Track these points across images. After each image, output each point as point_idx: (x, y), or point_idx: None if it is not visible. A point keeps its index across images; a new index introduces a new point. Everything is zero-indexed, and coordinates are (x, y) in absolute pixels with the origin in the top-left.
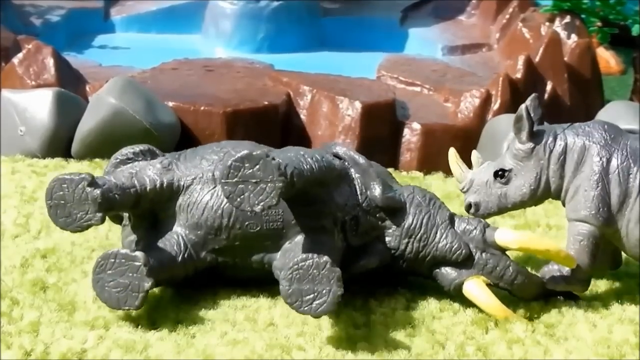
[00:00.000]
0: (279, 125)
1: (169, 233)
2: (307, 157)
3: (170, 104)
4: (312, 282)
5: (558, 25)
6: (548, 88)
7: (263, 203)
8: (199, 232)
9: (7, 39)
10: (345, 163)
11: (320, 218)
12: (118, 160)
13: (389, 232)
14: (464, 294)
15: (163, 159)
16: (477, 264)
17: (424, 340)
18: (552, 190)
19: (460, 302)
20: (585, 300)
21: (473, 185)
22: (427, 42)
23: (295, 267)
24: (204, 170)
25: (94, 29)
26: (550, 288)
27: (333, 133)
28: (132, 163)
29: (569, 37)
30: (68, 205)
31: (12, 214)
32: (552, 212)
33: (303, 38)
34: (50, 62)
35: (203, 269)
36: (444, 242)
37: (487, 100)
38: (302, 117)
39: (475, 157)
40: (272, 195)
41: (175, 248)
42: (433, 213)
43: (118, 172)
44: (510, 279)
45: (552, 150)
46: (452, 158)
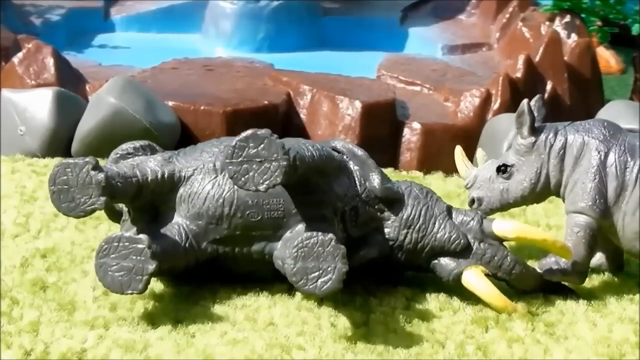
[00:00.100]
0: (279, 125)
1: (170, 224)
2: (307, 145)
3: (170, 104)
4: (317, 259)
5: (558, 25)
6: (548, 87)
7: (267, 182)
8: (200, 222)
9: (7, 39)
10: (344, 156)
11: (321, 207)
12: (118, 156)
13: (388, 223)
14: (463, 284)
15: (164, 153)
16: (475, 254)
17: (424, 340)
18: (551, 185)
19: (460, 301)
20: (586, 299)
21: (477, 181)
22: (427, 41)
23: (300, 244)
24: (205, 162)
25: (94, 29)
26: (547, 279)
27: (333, 132)
28: (132, 158)
29: (569, 36)
30: (72, 190)
31: (12, 214)
32: (552, 211)
33: (303, 38)
34: (50, 61)
35: (204, 261)
36: (442, 232)
37: (487, 100)
38: (302, 116)
39: (481, 154)
40: (276, 174)
41: (177, 238)
42: (431, 205)
43: (119, 164)
44: (509, 269)
45: (552, 145)
46: (458, 156)
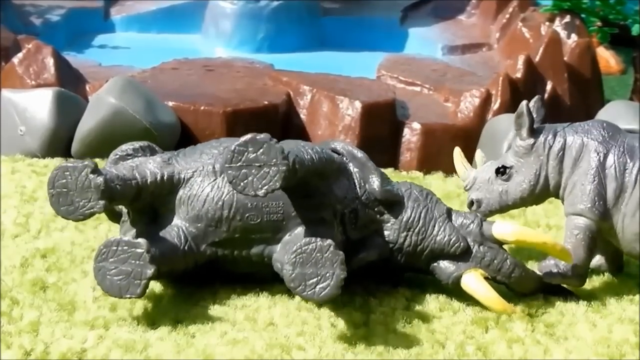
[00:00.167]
0: (279, 125)
1: (169, 226)
2: (307, 148)
3: (170, 104)
4: (315, 265)
5: (558, 25)
6: (548, 88)
7: (267, 187)
8: (199, 224)
9: (7, 39)
10: (344, 158)
11: (320, 210)
12: (117, 157)
13: (388, 225)
14: (462, 287)
15: (163, 155)
16: (474, 257)
17: (424, 340)
18: (550, 187)
19: (460, 301)
20: (585, 300)
21: (476, 183)
22: (427, 41)
23: (299, 250)
24: (204, 164)
25: (94, 29)
26: (547, 282)
27: (333, 133)
28: (131, 159)
29: (569, 36)
30: (70, 193)
31: (12, 214)
32: (552, 212)
33: (303, 38)
34: (50, 61)
35: (203, 263)
36: (442, 235)
37: (487, 100)
38: (302, 116)
39: (480, 156)
40: (275, 179)
41: (176, 240)
42: (430, 207)
43: (119, 166)
44: (508, 272)
45: (551, 147)
46: (457, 157)
